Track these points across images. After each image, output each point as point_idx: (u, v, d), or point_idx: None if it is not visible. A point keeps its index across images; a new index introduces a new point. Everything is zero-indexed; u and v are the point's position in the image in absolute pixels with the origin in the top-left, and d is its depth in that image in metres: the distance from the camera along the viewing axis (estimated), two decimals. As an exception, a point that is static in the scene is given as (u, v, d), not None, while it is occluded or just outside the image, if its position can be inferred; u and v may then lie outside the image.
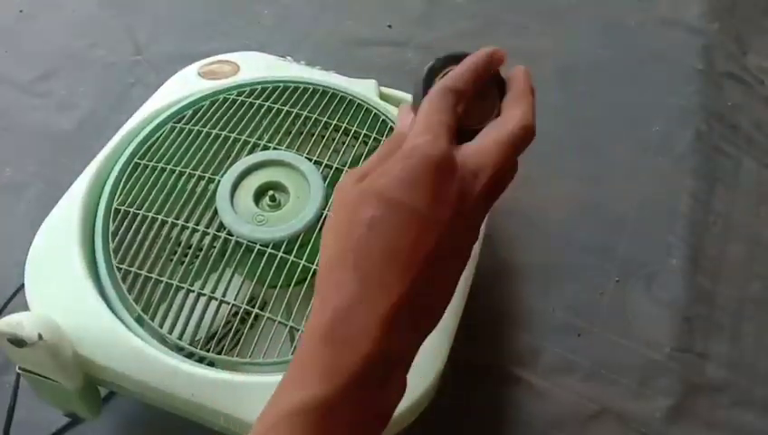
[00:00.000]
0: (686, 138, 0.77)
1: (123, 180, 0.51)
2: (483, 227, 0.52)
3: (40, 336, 0.40)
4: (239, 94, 0.56)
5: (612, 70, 0.83)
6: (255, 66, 0.61)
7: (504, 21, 0.88)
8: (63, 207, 0.50)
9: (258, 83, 0.58)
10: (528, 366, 0.60)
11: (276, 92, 0.57)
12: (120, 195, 0.50)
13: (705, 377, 0.60)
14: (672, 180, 0.73)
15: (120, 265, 0.47)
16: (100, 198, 0.51)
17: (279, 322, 0.44)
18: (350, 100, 0.57)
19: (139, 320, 0.45)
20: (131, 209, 0.49)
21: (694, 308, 0.64)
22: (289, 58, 0.64)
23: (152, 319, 0.44)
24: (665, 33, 0.88)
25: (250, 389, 0.42)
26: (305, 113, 0.55)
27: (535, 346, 0.61)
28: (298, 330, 0.44)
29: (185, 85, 0.59)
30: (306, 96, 0.57)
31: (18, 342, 0.40)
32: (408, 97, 0.62)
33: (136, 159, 0.52)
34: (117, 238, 0.48)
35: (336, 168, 0.52)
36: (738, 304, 0.65)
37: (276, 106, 0.55)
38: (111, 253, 0.47)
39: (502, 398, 0.58)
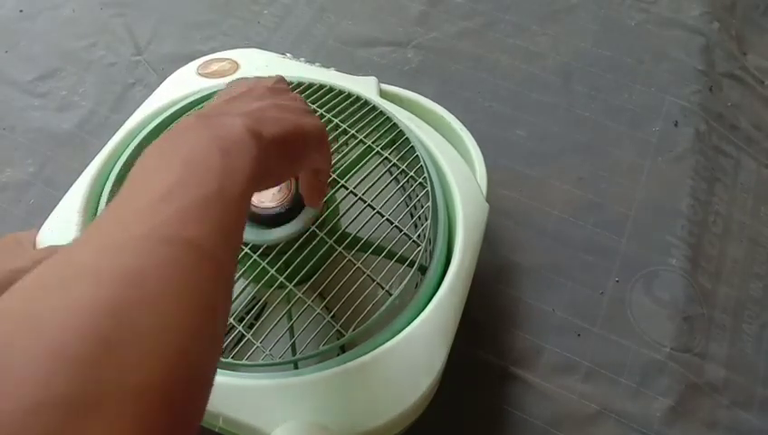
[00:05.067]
0: (686, 138, 0.77)
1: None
2: (483, 227, 0.52)
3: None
4: None
5: (612, 70, 0.83)
6: (255, 63, 0.61)
7: (503, 21, 0.88)
8: (64, 208, 0.50)
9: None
10: (528, 366, 0.60)
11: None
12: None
13: (705, 377, 0.60)
14: (672, 180, 0.73)
15: None
16: (100, 197, 0.51)
17: (278, 323, 0.44)
18: (351, 97, 0.57)
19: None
20: None
21: (694, 308, 0.64)
22: (288, 55, 0.64)
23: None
24: (665, 33, 0.88)
25: (248, 390, 0.42)
26: (312, 106, 0.55)
27: (535, 346, 0.61)
28: (297, 331, 0.44)
29: (184, 84, 0.59)
30: (310, 92, 0.56)
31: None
32: (410, 95, 0.63)
33: (169, 127, 0.53)
34: None
35: (333, 178, 0.51)
36: (738, 304, 0.65)
37: None
38: None
39: (502, 398, 0.58)
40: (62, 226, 0.48)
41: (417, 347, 0.44)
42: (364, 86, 0.59)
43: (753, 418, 0.58)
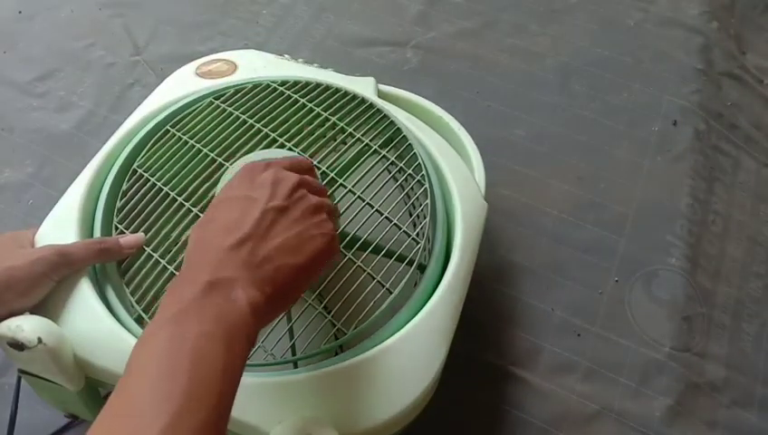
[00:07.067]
0: (685, 137, 0.77)
1: (149, 145, 0.53)
2: (481, 225, 0.52)
3: (40, 340, 0.39)
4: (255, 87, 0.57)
5: (612, 70, 0.83)
6: (253, 64, 0.61)
7: (503, 21, 0.88)
8: (62, 208, 0.50)
9: (259, 81, 0.58)
10: (528, 366, 0.60)
11: (287, 85, 0.57)
12: (143, 158, 0.52)
13: (705, 377, 0.60)
14: (671, 180, 0.73)
15: (119, 225, 0.48)
16: (98, 197, 0.51)
17: (278, 323, 0.44)
18: (348, 95, 0.56)
19: (138, 320, 0.45)
20: (146, 174, 0.51)
21: (693, 308, 0.64)
22: (287, 56, 0.64)
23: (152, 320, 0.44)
24: (664, 32, 0.88)
25: (248, 389, 0.41)
26: (311, 105, 0.55)
27: (535, 346, 0.61)
28: (297, 331, 0.44)
29: (182, 85, 0.59)
30: (307, 90, 0.56)
31: (18, 345, 0.39)
32: (407, 95, 0.63)
33: (167, 127, 0.54)
34: (125, 198, 0.50)
35: (332, 177, 0.51)
36: (738, 303, 0.65)
37: (300, 99, 0.55)
38: (116, 211, 0.49)
39: (502, 398, 0.58)
40: (60, 225, 0.48)
41: (416, 345, 0.44)
42: (362, 87, 0.59)
43: (753, 417, 0.58)
